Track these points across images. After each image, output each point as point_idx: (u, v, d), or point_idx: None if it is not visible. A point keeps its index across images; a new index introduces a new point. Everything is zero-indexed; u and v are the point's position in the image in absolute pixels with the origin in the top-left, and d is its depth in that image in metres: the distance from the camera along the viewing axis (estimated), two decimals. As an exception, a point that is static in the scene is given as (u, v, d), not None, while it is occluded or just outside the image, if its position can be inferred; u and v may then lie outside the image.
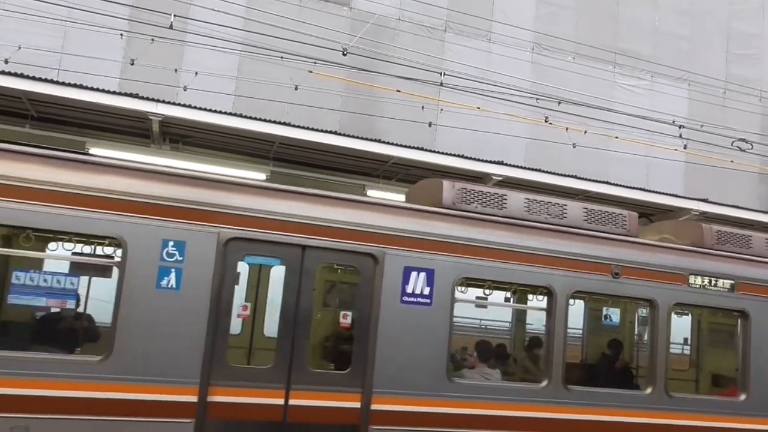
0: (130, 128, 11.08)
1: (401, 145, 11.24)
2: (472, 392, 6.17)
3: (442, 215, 6.40)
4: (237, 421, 5.57)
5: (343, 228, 5.94)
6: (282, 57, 12.05)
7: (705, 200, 12.79)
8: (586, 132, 13.43)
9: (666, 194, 12.75)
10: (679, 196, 13.08)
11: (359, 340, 5.95)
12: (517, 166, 12.08)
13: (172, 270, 5.44)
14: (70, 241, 5.56)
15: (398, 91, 12.93)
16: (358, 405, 5.81)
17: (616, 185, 12.44)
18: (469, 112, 13.50)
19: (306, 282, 5.87)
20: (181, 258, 5.47)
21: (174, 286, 5.43)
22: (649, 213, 12.78)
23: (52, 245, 5.71)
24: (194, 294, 5.46)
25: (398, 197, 10.83)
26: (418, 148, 11.39)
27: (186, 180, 5.65)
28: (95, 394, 5.17)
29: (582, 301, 9.26)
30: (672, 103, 16.94)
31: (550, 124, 13.30)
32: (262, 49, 12.01)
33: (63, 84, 10.08)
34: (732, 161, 14.59)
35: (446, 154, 11.51)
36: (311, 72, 12.24)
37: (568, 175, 11.96)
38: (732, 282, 7.15)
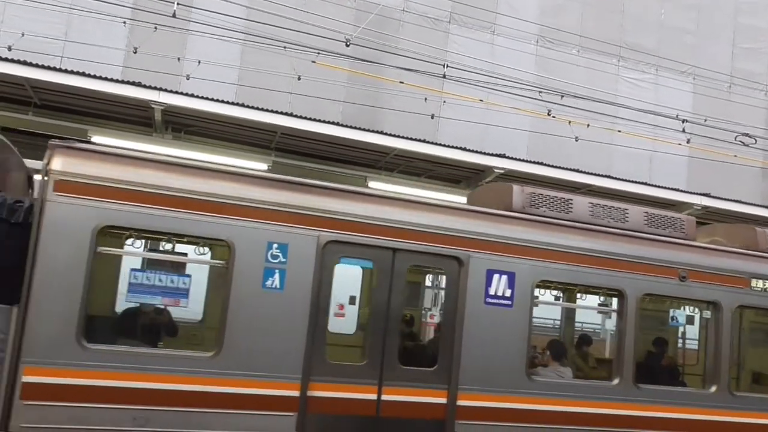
0: (133, 116, 11.09)
1: (403, 137, 11.22)
2: (549, 389, 6.49)
3: (522, 220, 6.67)
4: (334, 415, 5.84)
5: (431, 232, 6.23)
6: (285, 47, 12.02)
7: (707, 195, 12.77)
8: (588, 125, 13.39)
9: (668, 189, 12.73)
10: (682, 191, 13.06)
11: (445, 338, 6.23)
12: (520, 159, 12.07)
13: (276, 271, 5.72)
14: (185, 243, 5.87)
15: (401, 82, 12.89)
16: (444, 401, 6.11)
17: (619, 179, 12.42)
18: (472, 104, 13.46)
19: (396, 283, 6.16)
20: (284, 260, 5.75)
21: (278, 286, 5.71)
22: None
23: (167, 246, 5.96)
24: (296, 294, 5.74)
25: (399, 189, 10.84)
26: (420, 140, 11.37)
27: (289, 185, 5.95)
28: (207, 387, 5.47)
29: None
30: (676, 98, 16.87)
31: (554, 117, 13.26)
32: (266, 38, 11.98)
33: (66, 72, 10.09)
34: (735, 156, 14.55)
35: (448, 146, 11.49)
36: (314, 62, 12.20)
37: (571, 169, 11.94)
38: None
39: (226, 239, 5.60)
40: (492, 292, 6.33)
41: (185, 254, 5.97)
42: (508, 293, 6.40)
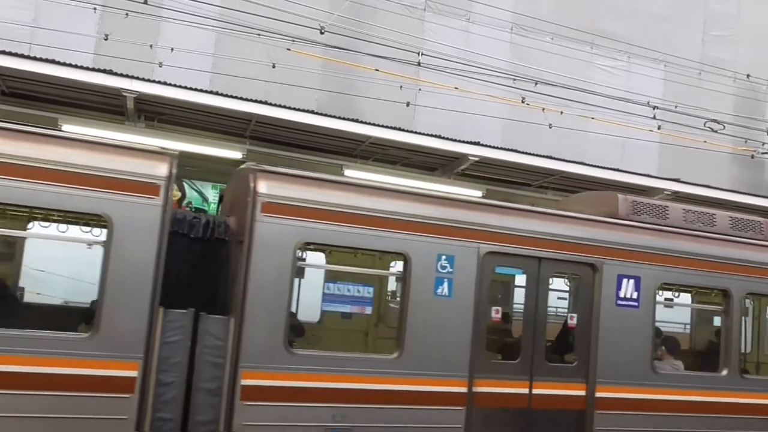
0: (104, 105, 10.94)
1: (379, 125, 11.24)
2: (670, 381, 7.33)
3: (643, 228, 7.44)
4: (495, 408, 6.56)
5: (570, 242, 7.03)
6: (259, 34, 11.93)
7: (677, 180, 13.01)
8: (562, 113, 13.54)
9: (640, 174, 12.95)
10: (653, 176, 13.28)
11: (583, 337, 7.04)
12: (495, 147, 12.17)
13: (445, 280, 6.49)
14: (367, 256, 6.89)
15: (377, 70, 12.89)
16: (584, 393, 6.88)
17: (592, 165, 12.60)
18: (447, 92, 13.52)
19: (542, 289, 6.94)
20: (451, 270, 6.51)
21: (447, 293, 6.48)
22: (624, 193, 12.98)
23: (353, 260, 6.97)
24: (462, 300, 6.51)
25: (375, 177, 10.88)
26: (395, 128, 11.40)
27: (455, 203, 6.84)
28: (392, 386, 6.23)
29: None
30: (648, 84, 17.09)
31: (528, 104, 13.38)
32: (240, 26, 11.88)
33: (35, 59, 9.91)
34: (705, 141, 14.81)
35: (424, 134, 11.54)
36: (289, 50, 12.14)
37: (545, 156, 12.07)
38: None
39: (403, 252, 6.37)
40: (622, 294, 7.10)
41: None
42: (635, 296, 7.15)
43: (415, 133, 11.62)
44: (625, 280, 7.14)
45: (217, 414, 5.69)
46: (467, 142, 11.76)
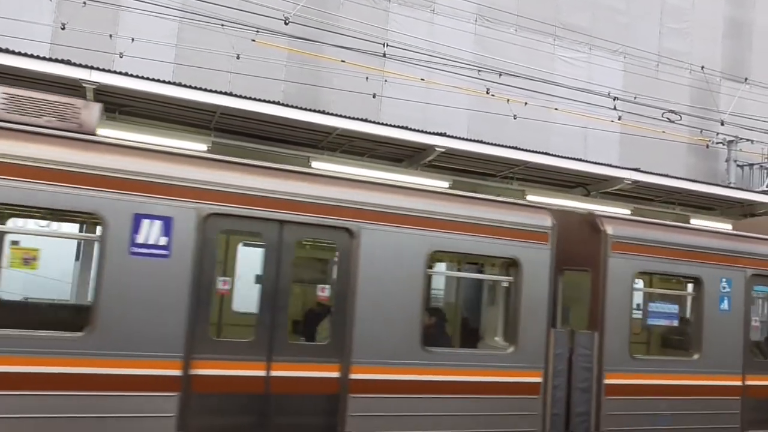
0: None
1: (345, 117, 11.19)
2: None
3: None
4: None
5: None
6: (223, 25, 11.76)
7: (637, 170, 13.30)
8: (526, 104, 13.72)
9: (601, 164, 13.18)
10: (614, 166, 13.55)
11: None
12: (460, 138, 12.23)
13: (725, 297, 8.33)
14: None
15: (343, 61, 12.85)
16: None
17: (555, 156, 12.77)
18: (413, 83, 13.56)
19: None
20: (729, 289, 8.32)
21: (727, 309, 8.29)
22: (586, 183, 13.21)
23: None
24: (736, 315, 8.33)
25: (342, 169, 10.83)
26: (362, 120, 11.36)
27: (722, 236, 8.73)
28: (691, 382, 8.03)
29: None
30: (608, 76, 17.45)
31: (493, 95, 13.51)
32: (203, 16, 11.70)
33: (-12, 49, 9.57)
34: (663, 132, 15.20)
35: (390, 125, 11.53)
36: (254, 41, 12.01)
37: (509, 146, 12.19)
38: None
39: (699, 277, 8.13)
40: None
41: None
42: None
43: (382, 124, 11.61)
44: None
45: (589, 407, 7.39)
46: (433, 133, 11.80)
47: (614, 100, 13.68)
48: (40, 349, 5.18)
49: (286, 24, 11.48)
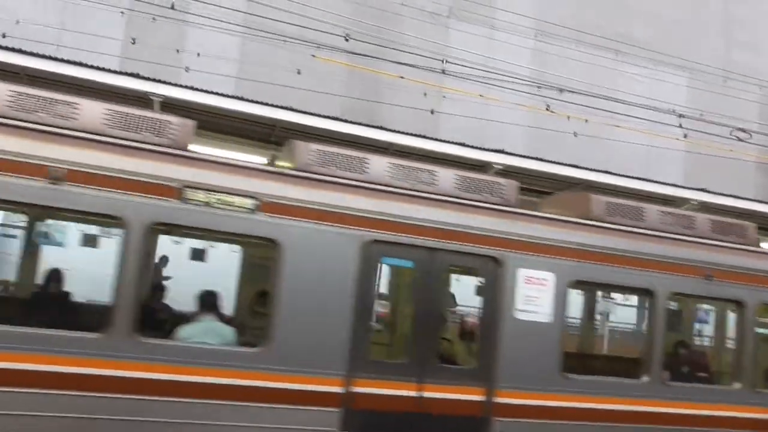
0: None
1: (403, 132, 11.20)
2: None
3: None
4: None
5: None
6: (284, 40, 11.97)
7: (704, 190, 12.82)
8: (587, 121, 13.43)
9: (665, 184, 12.77)
10: (678, 186, 13.11)
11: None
12: (518, 155, 12.07)
13: None
14: None
15: (401, 77, 12.86)
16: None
17: (615, 174, 12.45)
18: (471, 99, 13.47)
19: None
20: None
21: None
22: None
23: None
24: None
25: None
26: (419, 136, 11.36)
27: None
28: None
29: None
30: (672, 91, 16.95)
31: (552, 112, 13.28)
32: (266, 31, 11.93)
33: (62, 61, 9.99)
34: (731, 150, 14.62)
35: (447, 141, 11.48)
36: (314, 56, 12.16)
37: (568, 164, 11.95)
38: None
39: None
40: None
41: None
42: None
43: (439, 140, 11.56)
44: None
45: None
46: (491, 150, 11.68)
47: (679, 117, 13.24)
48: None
49: (346, 41, 11.59)
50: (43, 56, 9.96)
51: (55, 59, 10.09)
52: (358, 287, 6.01)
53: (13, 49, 9.87)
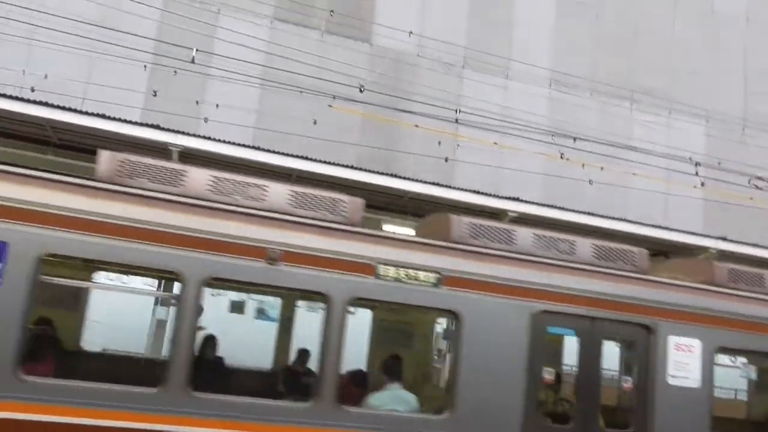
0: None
1: (417, 180, 11.29)
2: None
3: None
4: None
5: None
6: (301, 91, 12.23)
7: (723, 238, 12.66)
8: (602, 168, 13.41)
9: (683, 232, 12.64)
10: (697, 234, 12.95)
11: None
12: (533, 203, 12.06)
13: None
14: None
15: (416, 126, 13.03)
16: None
17: (632, 222, 12.36)
18: (486, 147, 13.56)
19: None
20: None
21: None
22: (667, 251, 12.67)
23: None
24: None
25: (412, 232, 10.85)
26: (434, 184, 11.43)
27: None
28: None
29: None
30: (690, 140, 16.91)
31: (568, 159, 13.31)
32: (283, 83, 12.22)
33: (86, 114, 10.32)
34: (751, 198, 14.46)
35: (462, 189, 11.53)
36: (331, 106, 12.39)
37: (584, 212, 11.91)
38: None
39: None
40: None
41: None
42: None
43: (454, 188, 11.62)
44: None
45: None
46: (506, 198, 11.70)
47: (696, 165, 13.18)
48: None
49: (361, 92, 11.81)
50: (69, 109, 10.31)
51: (80, 112, 10.43)
52: (528, 355, 6.38)
53: (41, 103, 10.23)
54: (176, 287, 5.85)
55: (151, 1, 13.89)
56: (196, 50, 11.10)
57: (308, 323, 8.81)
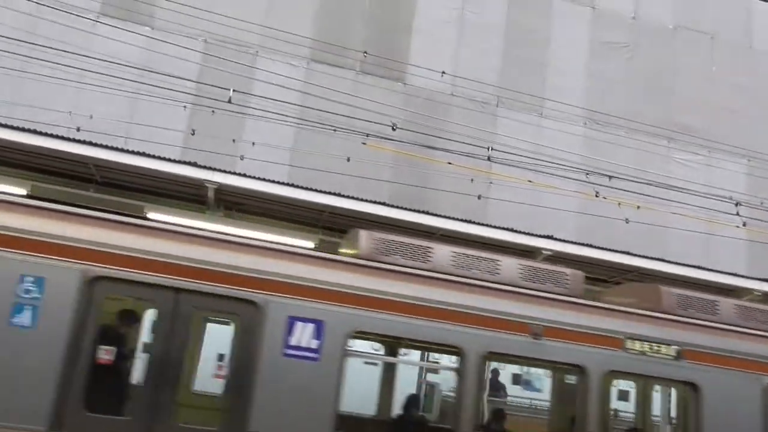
0: (188, 195, 11.51)
1: (450, 218, 11.26)
2: None
3: None
4: None
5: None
6: (335, 129, 12.41)
7: (766, 280, 12.24)
8: (639, 207, 13.16)
9: (725, 273, 12.27)
10: (740, 276, 12.55)
11: None
12: (568, 241, 11.89)
13: None
14: None
15: (449, 163, 13.03)
16: None
17: (670, 262, 12.06)
18: (520, 185, 13.48)
19: None
20: None
21: None
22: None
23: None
24: None
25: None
26: (467, 221, 11.38)
27: None
28: None
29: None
30: (730, 179, 16.53)
31: (604, 198, 13.10)
32: (318, 122, 12.43)
33: (126, 151, 10.65)
34: (797, 240, 13.99)
35: (495, 227, 11.45)
36: (365, 144, 12.52)
37: (620, 251, 11.68)
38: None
39: None
40: None
41: None
42: None
43: (487, 225, 11.54)
44: None
45: None
46: (540, 236, 11.56)
47: (737, 205, 12.84)
48: None
49: (393, 130, 11.91)
50: (111, 147, 10.65)
51: (121, 150, 10.76)
52: (763, 425, 6.74)
53: (84, 142, 10.61)
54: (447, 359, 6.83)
55: (193, 45, 14.41)
56: (234, 90, 11.40)
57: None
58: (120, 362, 5.93)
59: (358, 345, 6.60)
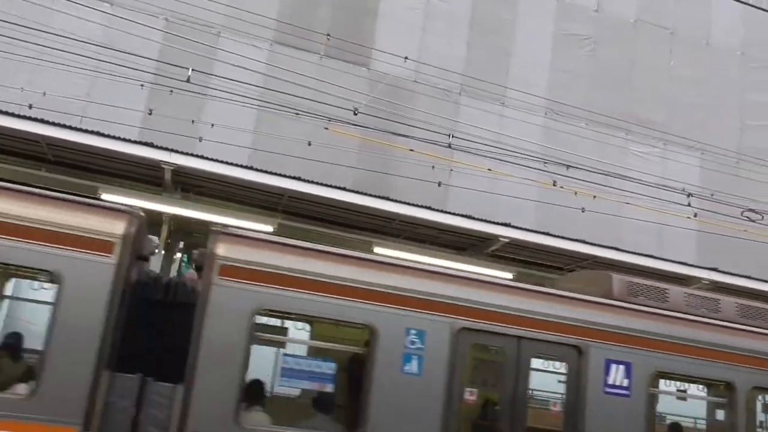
0: (144, 176, 11.31)
1: (410, 204, 11.31)
2: None
3: None
4: None
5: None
6: (298, 113, 12.31)
7: (715, 269, 12.64)
8: (595, 197, 13.43)
9: (675, 262, 12.63)
10: (689, 265, 12.94)
11: None
12: (525, 229, 12.07)
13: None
14: None
15: (411, 150, 13.06)
16: None
17: (625, 251, 12.36)
18: (480, 173, 13.60)
19: None
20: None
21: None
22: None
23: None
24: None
25: (405, 255, 10.85)
26: (426, 207, 11.45)
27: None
28: None
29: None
30: (684, 171, 16.97)
31: (561, 188, 13.32)
32: (280, 105, 12.30)
33: (80, 130, 10.40)
34: (745, 230, 14.45)
35: (454, 214, 11.55)
36: (327, 129, 12.47)
37: (576, 240, 11.91)
38: None
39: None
40: None
41: None
42: None
43: (446, 212, 11.64)
44: None
45: None
46: (498, 224, 11.71)
47: (688, 196, 13.20)
48: None
49: (355, 115, 11.88)
50: (63, 126, 10.38)
51: (72, 128, 10.49)
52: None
53: (35, 119, 10.30)
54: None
55: (153, 23, 14.08)
56: (193, 70, 11.20)
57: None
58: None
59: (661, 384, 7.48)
